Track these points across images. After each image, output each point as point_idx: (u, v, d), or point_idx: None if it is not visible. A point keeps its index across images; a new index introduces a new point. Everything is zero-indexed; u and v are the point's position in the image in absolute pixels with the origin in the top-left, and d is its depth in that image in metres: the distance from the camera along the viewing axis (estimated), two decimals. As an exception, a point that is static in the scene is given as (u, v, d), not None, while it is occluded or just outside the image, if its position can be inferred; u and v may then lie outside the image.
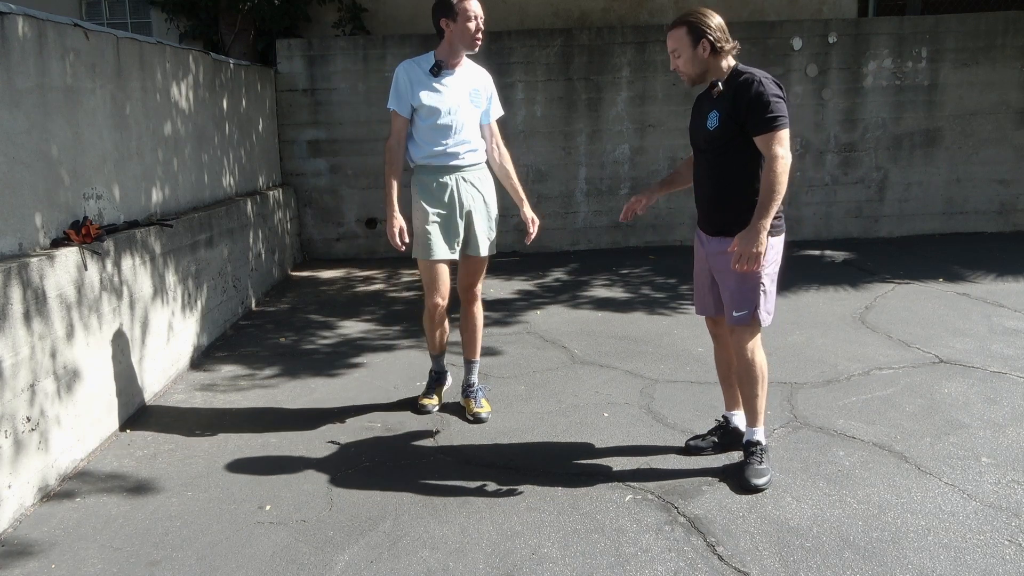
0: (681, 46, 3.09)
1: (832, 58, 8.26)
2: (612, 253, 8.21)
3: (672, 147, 8.37)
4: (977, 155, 8.54)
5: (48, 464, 3.28)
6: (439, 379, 4.15)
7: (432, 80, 3.67)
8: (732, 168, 3.10)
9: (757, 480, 3.18)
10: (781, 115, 2.95)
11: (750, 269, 2.97)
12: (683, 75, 3.16)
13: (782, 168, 2.93)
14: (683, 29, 3.07)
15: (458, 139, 3.71)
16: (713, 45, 3.04)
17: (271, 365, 4.89)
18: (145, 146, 4.67)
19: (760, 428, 3.29)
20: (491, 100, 3.87)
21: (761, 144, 2.99)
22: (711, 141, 3.12)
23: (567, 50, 8.14)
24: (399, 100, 3.69)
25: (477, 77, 3.81)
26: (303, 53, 8.00)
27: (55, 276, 3.38)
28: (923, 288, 6.29)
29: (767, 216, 2.94)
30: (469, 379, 4.06)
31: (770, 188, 2.93)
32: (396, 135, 3.74)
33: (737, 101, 3.00)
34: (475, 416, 3.92)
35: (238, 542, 2.89)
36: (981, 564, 2.62)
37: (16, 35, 3.36)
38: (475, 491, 3.22)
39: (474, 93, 3.75)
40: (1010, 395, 4.04)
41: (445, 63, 3.69)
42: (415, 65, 3.71)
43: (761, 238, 2.93)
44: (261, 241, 6.66)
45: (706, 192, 3.23)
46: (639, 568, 2.66)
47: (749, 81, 3.00)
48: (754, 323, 3.17)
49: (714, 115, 3.08)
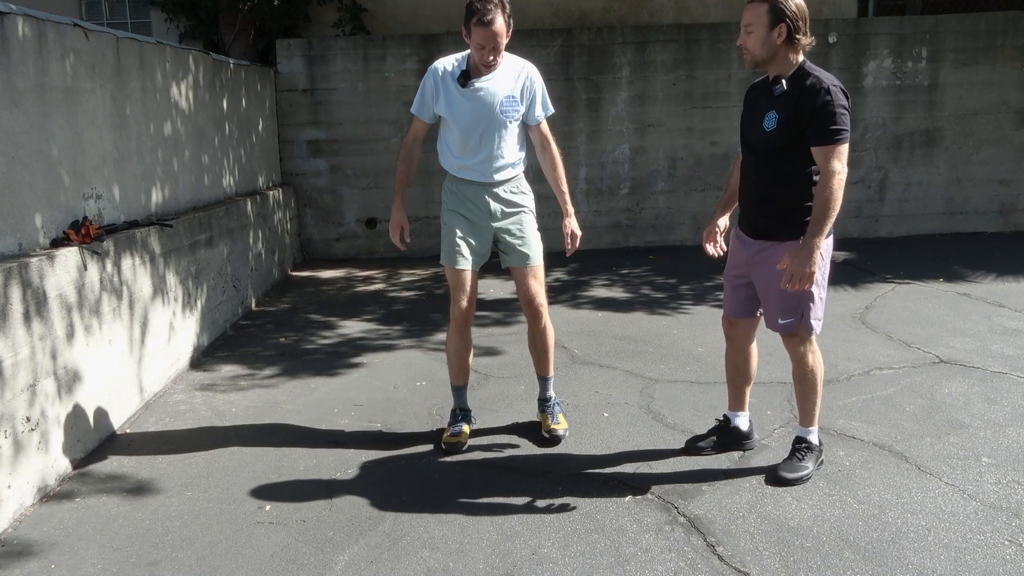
0: (757, 23, 2.87)
1: (832, 58, 8.26)
2: (612, 253, 8.21)
3: (672, 147, 8.37)
4: (977, 155, 8.54)
5: (48, 464, 3.28)
6: (465, 419, 3.73)
7: (459, 90, 3.38)
8: (782, 172, 2.96)
9: (788, 473, 3.15)
10: (845, 128, 2.82)
11: (802, 288, 2.87)
12: (748, 54, 2.95)
13: (839, 184, 2.81)
14: (765, 6, 2.86)
15: (485, 156, 3.43)
16: (791, 32, 2.86)
17: (271, 365, 4.89)
18: (145, 146, 4.67)
19: (814, 429, 3.25)
20: (534, 101, 3.48)
21: (819, 155, 2.85)
22: (765, 142, 2.97)
23: (567, 50, 8.14)
24: (422, 105, 3.47)
25: (515, 80, 3.43)
26: (303, 53, 8.00)
27: (55, 276, 3.38)
28: (923, 288, 6.29)
29: (821, 234, 2.83)
30: (544, 394, 3.77)
31: (826, 204, 2.81)
32: (414, 134, 3.55)
33: (801, 105, 2.85)
34: (551, 433, 3.64)
35: (238, 542, 2.89)
36: (981, 564, 2.62)
37: (16, 35, 3.36)
38: (475, 491, 3.22)
39: (508, 101, 3.40)
40: (1010, 395, 4.04)
41: (474, 72, 3.37)
42: (447, 70, 3.41)
43: (815, 257, 2.82)
44: (261, 241, 6.66)
45: (752, 193, 3.10)
46: (639, 568, 2.66)
47: (817, 87, 2.84)
48: (801, 331, 3.08)
49: (772, 115, 2.93)
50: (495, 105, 3.39)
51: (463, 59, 3.42)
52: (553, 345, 3.74)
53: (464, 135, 3.43)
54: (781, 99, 2.93)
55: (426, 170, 8.28)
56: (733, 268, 3.27)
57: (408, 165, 3.57)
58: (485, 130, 3.41)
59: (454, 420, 3.70)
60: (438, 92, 3.42)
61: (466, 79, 3.36)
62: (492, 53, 3.27)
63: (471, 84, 3.37)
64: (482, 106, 3.39)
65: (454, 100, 3.40)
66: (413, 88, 8.07)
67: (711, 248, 3.31)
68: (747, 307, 3.28)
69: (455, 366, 3.67)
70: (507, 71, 3.43)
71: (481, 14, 3.18)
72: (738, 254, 3.23)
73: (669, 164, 8.40)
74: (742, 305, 3.28)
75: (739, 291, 3.26)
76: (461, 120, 3.41)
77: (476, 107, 3.39)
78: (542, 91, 3.52)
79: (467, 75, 3.37)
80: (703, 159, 8.37)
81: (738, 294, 3.27)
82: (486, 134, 3.42)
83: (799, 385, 3.20)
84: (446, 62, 3.44)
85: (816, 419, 3.25)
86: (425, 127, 3.54)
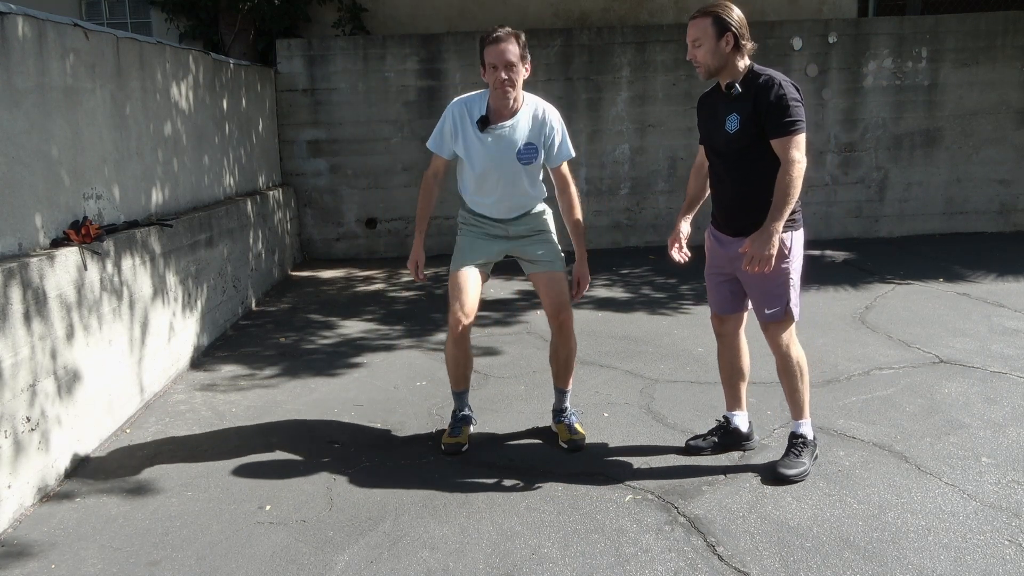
0: (704, 36, 3.03)
1: (832, 58, 8.26)
2: (612, 253, 8.21)
3: (672, 147, 8.38)
4: (977, 155, 8.54)
5: (48, 464, 3.28)
6: (465, 421, 3.68)
7: (477, 135, 3.34)
8: (755, 169, 3.09)
9: (788, 471, 3.21)
10: (799, 119, 2.97)
11: (762, 270, 2.98)
12: (700, 66, 3.09)
13: (797, 172, 2.96)
14: (708, 20, 3.02)
15: (500, 196, 3.45)
16: (737, 40, 3.02)
17: (271, 365, 4.89)
18: (145, 146, 4.67)
19: (806, 421, 3.31)
20: (554, 145, 3.44)
21: (778, 147, 3.00)
22: (731, 143, 3.10)
23: (567, 50, 8.14)
24: (440, 142, 3.43)
25: (534, 125, 3.39)
26: (303, 53, 8.00)
27: (55, 276, 3.38)
28: (923, 288, 6.29)
29: (780, 219, 2.96)
30: (560, 405, 3.71)
31: (784, 191, 2.96)
32: (434, 170, 3.52)
33: (759, 102, 2.99)
34: (570, 443, 3.58)
35: (238, 542, 2.89)
36: (981, 564, 2.62)
37: (16, 35, 3.36)
38: (475, 491, 3.22)
39: (526, 149, 3.37)
40: (1010, 395, 4.04)
41: (493, 116, 3.33)
42: (466, 110, 3.37)
43: (774, 240, 2.95)
44: (261, 241, 6.67)
45: (727, 194, 3.21)
46: (639, 568, 2.66)
47: (770, 84, 2.99)
48: (787, 318, 3.20)
49: (734, 117, 3.06)
50: (513, 151, 3.37)
51: (483, 101, 3.37)
52: (575, 357, 3.67)
53: (480, 177, 3.43)
54: (738, 101, 3.07)
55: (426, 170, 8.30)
56: (713, 267, 3.38)
57: (428, 201, 3.52)
58: (502, 174, 3.41)
59: (454, 421, 3.69)
60: (456, 133, 3.39)
61: (485, 124, 3.33)
62: (506, 73, 3.21)
63: (489, 129, 3.34)
64: (500, 152, 3.37)
65: (472, 144, 3.38)
66: (413, 88, 8.11)
67: (677, 255, 3.35)
68: (733, 302, 3.38)
69: (454, 374, 3.64)
70: (526, 115, 3.39)
71: (491, 34, 3.25)
72: (716, 253, 3.34)
73: (669, 164, 8.40)
74: (728, 301, 3.37)
75: (722, 288, 3.36)
76: (478, 164, 3.39)
77: (493, 152, 3.37)
78: (562, 135, 3.46)
79: (486, 120, 3.33)
80: (703, 159, 8.37)
81: (722, 291, 3.37)
82: (503, 177, 3.41)
83: (786, 379, 3.29)
84: (467, 101, 3.40)
85: (807, 411, 3.31)
86: (445, 163, 3.51)
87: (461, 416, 3.69)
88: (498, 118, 3.34)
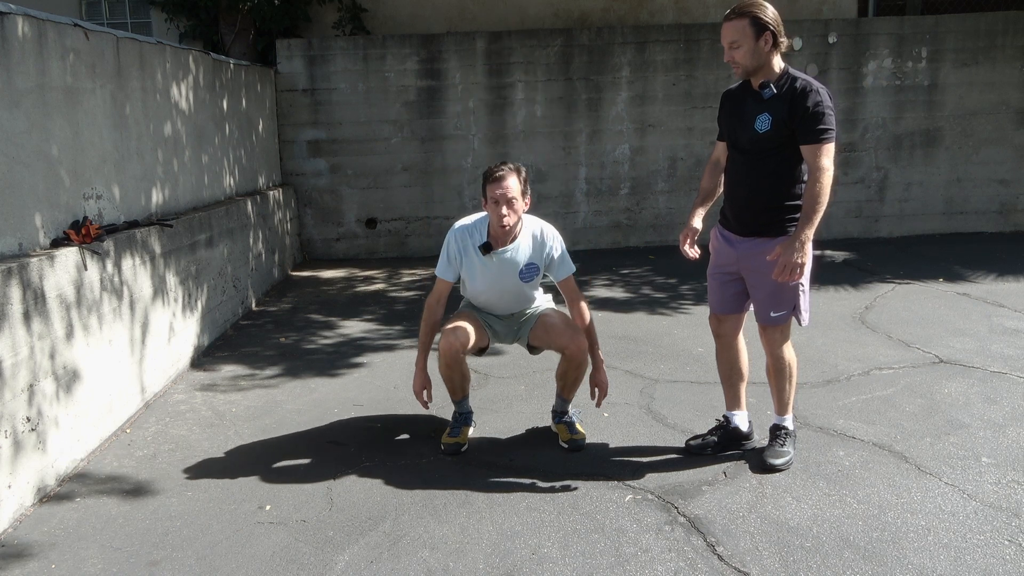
0: (743, 37, 2.99)
1: (832, 58, 8.26)
2: (612, 253, 8.21)
3: (672, 147, 8.38)
4: (977, 155, 8.54)
5: (48, 464, 3.28)
6: (465, 421, 3.73)
7: (480, 259, 3.47)
8: (775, 171, 3.10)
9: (775, 460, 3.28)
10: (832, 128, 3.00)
11: (791, 279, 2.98)
12: (738, 67, 3.07)
13: (827, 180, 2.98)
14: (745, 20, 2.98)
15: (504, 308, 3.65)
16: (775, 38, 3.00)
17: (272, 365, 4.89)
18: (145, 146, 4.67)
19: (789, 416, 3.40)
20: (554, 263, 3.54)
21: (808, 154, 3.00)
22: (758, 143, 3.10)
23: (567, 50, 8.14)
24: (448, 267, 3.54)
25: (535, 247, 3.51)
26: (303, 53, 8.01)
27: (55, 276, 3.38)
28: (923, 288, 6.29)
29: (811, 227, 2.97)
30: (561, 408, 3.73)
31: (815, 200, 2.97)
32: (437, 295, 3.57)
33: (795, 107, 2.99)
34: (570, 443, 3.60)
35: (238, 542, 2.89)
36: (981, 564, 2.62)
37: (16, 35, 3.36)
38: (475, 491, 3.22)
39: (527, 268, 3.50)
40: (1010, 395, 4.04)
41: (495, 242, 3.45)
42: (467, 236, 3.49)
43: (806, 249, 2.97)
44: (261, 241, 6.67)
45: (743, 193, 3.21)
46: (639, 568, 2.66)
47: (808, 89, 2.99)
48: (789, 323, 3.23)
49: (765, 117, 3.05)
50: (515, 272, 3.51)
51: (483, 226, 3.48)
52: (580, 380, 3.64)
53: (484, 294, 3.60)
54: (772, 102, 3.05)
55: (426, 170, 8.31)
56: (719, 266, 3.37)
57: (431, 328, 3.58)
58: (504, 290, 3.57)
59: (455, 421, 3.70)
60: (460, 257, 3.53)
61: (487, 249, 3.45)
62: (507, 207, 3.31)
63: (491, 255, 3.46)
64: (502, 273, 3.51)
65: (474, 266, 3.52)
66: (413, 88, 8.11)
67: (689, 250, 3.35)
68: (735, 303, 3.38)
69: (450, 388, 3.66)
70: (526, 239, 3.51)
71: (493, 172, 3.35)
72: (723, 252, 3.33)
73: (669, 164, 8.40)
74: (730, 301, 3.37)
75: (727, 287, 3.36)
76: (481, 283, 3.55)
77: (496, 274, 3.51)
78: (561, 252, 3.57)
79: (488, 246, 3.45)
80: (703, 159, 8.36)
81: (726, 290, 3.36)
82: (505, 293, 3.58)
83: (776, 378, 3.33)
84: (468, 229, 3.51)
85: (791, 407, 3.41)
86: (449, 287, 3.60)
87: (461, 416, 3.72)
88: (500, 244, 3.47)
